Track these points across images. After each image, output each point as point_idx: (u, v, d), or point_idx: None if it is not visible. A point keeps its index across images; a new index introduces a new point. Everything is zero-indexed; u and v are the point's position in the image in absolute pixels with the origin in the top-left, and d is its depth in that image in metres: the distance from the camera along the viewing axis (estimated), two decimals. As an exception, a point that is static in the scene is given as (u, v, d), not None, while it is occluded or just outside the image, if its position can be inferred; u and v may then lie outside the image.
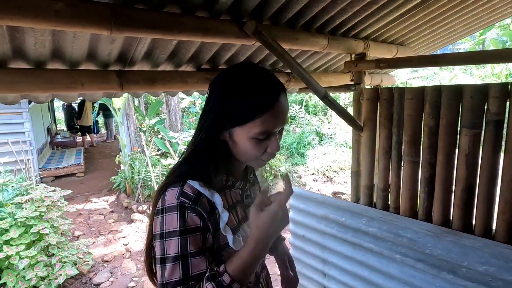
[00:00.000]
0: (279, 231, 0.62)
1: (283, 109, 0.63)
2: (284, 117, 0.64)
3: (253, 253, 0.59)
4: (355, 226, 1.84)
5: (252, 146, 0.64)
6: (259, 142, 0.64)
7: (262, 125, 0.61)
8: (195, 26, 1.02)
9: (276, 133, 0.65)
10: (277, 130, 0.65)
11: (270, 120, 0.62)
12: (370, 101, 1.68)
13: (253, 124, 0.61)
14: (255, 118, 0.61)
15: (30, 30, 0.90)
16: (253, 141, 0.64)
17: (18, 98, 1.23)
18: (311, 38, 1.43)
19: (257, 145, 0.64)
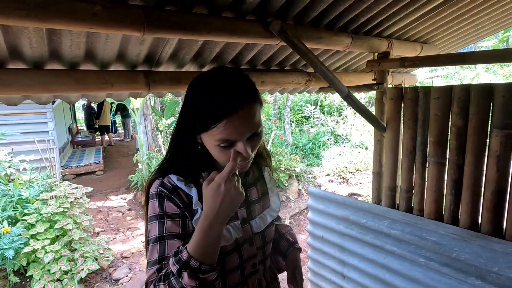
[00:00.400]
0: (228, 207, 0.60)
1: (246, 118, 0.60)
2: (248, 125, 0.61)
3: (202, 229, 0.59)
4: (377, 228, 1.81)
5: (218, 153, 0.64)
6: (223, 149, 0.63)
7: (223, 132, 0.60)
8: (222, 27, 1.04)
9: (241, 142, 0.62)
10: (242, 138, 0.62)
11: (231, 127, 0.60)
12: (394, 101, 1.65)
13: (216, 130, 0.60)
14: (216, 124, 0.59)
15: (67, 33, 0.94)
16: (218, 148, 0.63)
17: (51, 98, 1.28)
18: (335, 37, 1.42)
19: (222, 153, 0.64)
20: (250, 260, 0.79)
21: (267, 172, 0.88)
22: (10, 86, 0.96)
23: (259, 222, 0.80)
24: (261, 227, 0.80)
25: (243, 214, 0.78)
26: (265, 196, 0.85)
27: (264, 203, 0.84)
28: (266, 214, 0.83)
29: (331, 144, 7.76)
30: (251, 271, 0.79)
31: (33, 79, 1.00)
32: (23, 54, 0.99)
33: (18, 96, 1.19)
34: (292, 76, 1.78)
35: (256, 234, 0.79)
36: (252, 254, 0.79)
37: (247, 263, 0.78)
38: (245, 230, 0.77)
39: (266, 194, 0.86)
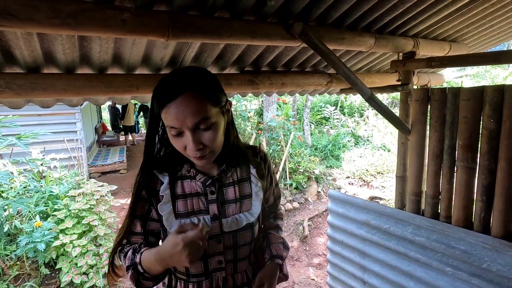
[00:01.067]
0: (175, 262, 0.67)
1: (177, 110, 0.66)
2: (186, 115, 0.66)
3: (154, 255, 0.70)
4: (400, 234, 1.75)
5: (172, 140, 0.72)
6: (174, 137, 0.70)
7: (167, 119, 0.68)
8: (243, 30, 1.05)
9: (187, 132, 0.68)
10: (184, 128, 0.67)
11: (171, 114, 0.66)
12: (420, 102, 1.59)
13: (163, 117, 0.69)
14: (160, 110, 0.68)
15: (96, 39, 0.99)
16: (171, 136, 0.71)
17: (81, 101, 1.34)
18: (358, 38, 1.39)
19: (175, 141, 0.71)
20: (216, 256, 0.81)
21: (256, 176, 0.86)
22: (45, 90, 1.02)
23: (231, 222, 0.81)
24: (232, 227, 0.81)
25: (214, 211, 0.80)
26: (247, 199, 0.85)
27: (242, 205, 0.84)
28: (242, 216, 0.83)
29: (352, 146, 7.59)
30: (216, 267, 0.82)
31: (66, 83, 1.06)
32: (56, 59, 1.05)
33: (52, 99, 1.26)
34: (313, 77, 1.76)
35: (227, 234, 0.81)
36: (218, 251, 0.81)
37: (212, 258, 0.81)
38: (214, 226, 0.80)
39: (248, 197, 0.85)
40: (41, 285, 3.17)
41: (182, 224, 0.69)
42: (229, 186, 0.82)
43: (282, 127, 6.09)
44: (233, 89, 1.48)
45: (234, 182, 0.83)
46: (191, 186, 0.80)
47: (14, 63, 1.02)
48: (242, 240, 0.83)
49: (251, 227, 0.83)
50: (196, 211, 0.80)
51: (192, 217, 0.79)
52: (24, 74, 1.03)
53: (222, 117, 0.72)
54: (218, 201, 0.81)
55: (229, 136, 0.79)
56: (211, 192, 0.80)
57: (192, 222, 0.71)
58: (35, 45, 0.94)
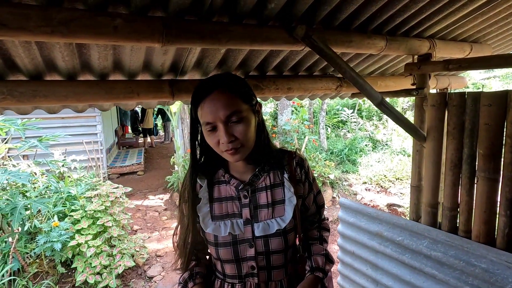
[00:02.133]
0: None
1: (211, 104, 0.72)
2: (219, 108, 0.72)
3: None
4: (415, 247, 1.64)
5: (207, 138, 0.76)
6: (209, 133, 0.75)
7: (203, 115, 0.74)
8: (243, 34, 1.01)
9: (220, 125, 0.73)
10: (217, 122, 0.72)
11: (206, 110, 0.73)
12: (436, 108, 1.48)
13: (200, 115, 0.75)
14: (197, 108, 0.75)
15: (94, 46, 0.99)
16: (206, 133, 0.76)
17: (86, 107, 1.36)
18: (367, 40, 1.32)
19: (209, 137, 0.76)
20: (248, 261, 0.82)
21: (289, 182, 0.86)
22: (47, 97, 1.03)
23: (262, 227, 0.82)
24: (263, 232, 0.82)
25: (246, 215, 0.82)
26: (279, 205, 0.85)
27: (275, 211, 0.84)
28: (273, 222, 0.83)
29: (369, 150, 7.35)
30: (249, 272, 0.83)
31: (67, 90, 1.07)
32: (57, 66, 1.07)
33: (58, 105, 1.28)
34: (321, 81, 1.70)
35: (258, 239, 0.81)
36: (250, 256, 0.82)
37: (244, 262, 0.83)
38: (246, 230, 0.82)
39: (280, 202, 0.85)
40: (57, 283, 3.27)
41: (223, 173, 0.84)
42: (261, 191, 0.84)
43: (296, 130, 6.01)
44: (237, 94, 1.45)
45: (267, 187, 0.85)
46: (226, 190, 0.85)
47: (17, 71, 1.04)
48: (274, 246, 0.82)
49: (284, 234, 0.82)
50: (230, 214, 0.84)
51: (226, 220, 0.83)
52: (26, 81, 1.05)
53: (252, 114, 0.77)
54: (251, 205, 0.83)
55: (260, 136, 0.82)
56: (244, 196, 0.83)
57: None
58: (34, 53, 0.95)
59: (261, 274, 0.83)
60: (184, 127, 6.95)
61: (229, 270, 0.85)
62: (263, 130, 0.84)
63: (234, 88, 0.74)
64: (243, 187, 0.83)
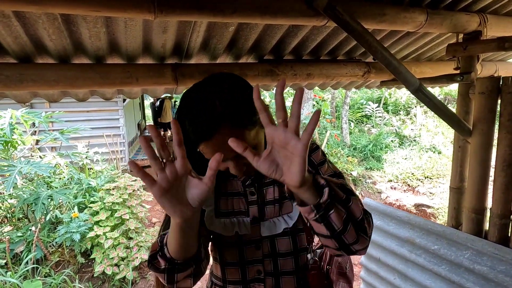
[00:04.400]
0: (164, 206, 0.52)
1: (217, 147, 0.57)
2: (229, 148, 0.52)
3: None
4: (453, 259, 1.42)
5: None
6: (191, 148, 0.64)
7: (206, 154, 0.61)
8: (251, 4, 0.85)
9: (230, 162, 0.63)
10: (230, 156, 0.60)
11: (211, 151, 0.59)
12: (486, 96, 1.24)
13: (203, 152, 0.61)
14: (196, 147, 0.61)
15: (83, 22, 0.87)
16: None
17: (87, 94, 1.26)
18: (403, 14, 1.10)
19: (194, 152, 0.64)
20: (254, 265, 0.76)
21: None
22: (35, 81, 0.94)
23: (268, 226, 0.74)
24: (269, 232, 0.74)
25: (254, 213, 0.75)
26: (286, 200, 0.75)
27: (282, 207, 0.75)
28: (280, 220, 0.75)
29: (395, 147, 6.94)
30: (255, 276, 0.76)
31: (58, 74, 0.97)
32: (47, 47, 0.97)
33: (56, 92, 1.20)
34: (346, 67, 1.49)
35: (265, 239, 0.75)
36: (256, 259, 0.75)
37: (250, 265, 0.76)
38: (254, 230, 0.74)
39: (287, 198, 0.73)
40: (77, 273, 3.33)
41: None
42: (269, 186, 0.77)
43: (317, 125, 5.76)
44: (250, 81, 1.29)
45: (275, 181, 0.76)
46: (233, 185, 0.78)
47: (4, 53, 0.95)
48: (282, 248, 0.75)
49: (292, 234, 0.75)
50: (236, 211, 0.76)
51: (232, 218, 0.76)
52: (13, 64, 0.95)
53: (261, 131, 0.65)
54: (259, 202, 0.76)
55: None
56: (251, 193, 0.76)
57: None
58: (17, 30, 0.85)
59: (268, 280, 0.76)
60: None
61: (232, 275, 0.77)
62: None
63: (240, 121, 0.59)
64: (251, 183, 0.76)
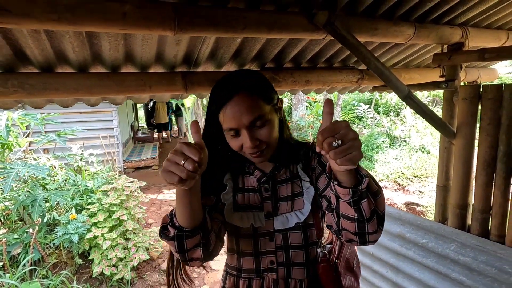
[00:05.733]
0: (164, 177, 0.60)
1: (234, 109, 0.67)
2: (242, 113, 0.67)
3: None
4: (440, 251, 1.54)
5: (230, 141, 0.73)
6: (232, 138, 0.72)
7: (225, 121, 0.69)
8: (259, 21, 0.94)
9: (244, 130, 0.69)
10: (241, 127, 0.68)
11: (228, 115, 0.68)
12: (468, 101, 1.37)
13: (221, 120, 0.70)
14: (217, 114, 0.70)
15: (105, 35, 0.94)
16: (229, 137, 0.73)
17: (99, 100, 1.33)
18: (393, 28, 1.22)
19: (232, 141, 0.72)
20: (268, 255, 0.81)
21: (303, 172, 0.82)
22: (57, 89, 1.01)
23: (282, 221, 0.80)
24: (282, 226, 0.80)
25: (268, 208, 0.81)
26: (298, 197, 0.81)
27: (294, 203, 0.81)
28: (292, 215, 0.80)
29: (386, 147, 7.13)
30: (268, 266, 0.82)
31: (78, 82, 1.04)
32: (68, 58, 1.04)
33: (71, 98, 1.26)
34: (341, 74, 1.60)
35: (278, 232, 0.80)
36: (270, 250, 0.81)
37: (263, 256, 0.81)
38: (267, 223, 0.80)
39: (300, 195, 0.81)
40: (75, 274, 3.34)
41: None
42: (282, 184, 0.82)
43: (311, 126, 5.89)
44: (253, 88, 1.38)
45: (287, 179, 0.82)
46: (249, 182, 0.83)
47: (29, 63, 1.02)
48: (293, 241, 0.80)
49: (303, 228, 0.81)
50: (252, 206, 0.82)
51: (248, 212, 0.81)
52: (37, 73, 1.02)
53: (275, 114, 0.74)
54: (272, 198, 0.81)
55: (282, 132, 0.79)
56: (265, 190, 0.82)
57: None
58: (44, 44, 0.92)
59: (280, 270, 0.82)
60: (198, 122, 6.95)
61: (247, 264, 0.83)
62: (285, 127, 0.81)
63: (257, 90, 0.70)
64: (265, 180, 0.82)
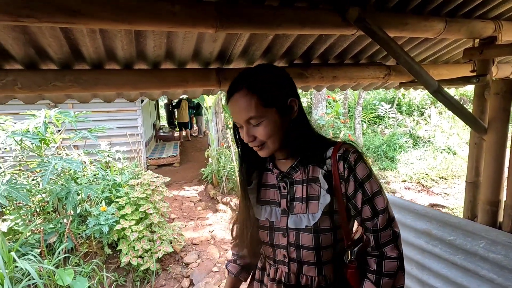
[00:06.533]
0: None
1: (233, 106, 0.75)
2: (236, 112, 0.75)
3: None
4: (469, 248, 1.52)
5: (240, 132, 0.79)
6: (239, 129, 0.79)
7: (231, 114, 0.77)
8: (292, 18, 0.99)
9: (243, 125, 0.76)
10: (239, 122, 0.76)
11: (231, 112, 0.77)
12: (501, 96, 1.35)
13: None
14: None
15: (151, 34, 1.03)
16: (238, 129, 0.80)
17: (138, 96, 1.43)
18: (424, 23, 1.23)
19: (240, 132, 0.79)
20: (281, 249, 0.84)
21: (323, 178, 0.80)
22: (107, 84, 1.11)
23: (295, 220, 0.81)
24: (294, 225, 0.81)
25: (284, 205, 0.84)
26: (314, 201, 0.80)
27: (309, 206, 0.80)
28: (304, 217, 0.80)
29: (409, 147, 6.95)
30: (281, 259, 0.85)
31: (124, 78, 1.13)
32: (116, 55, 1.13)
33: (113, 94, 1.37)
34: (368, 70, 1.62)
35: (291, 230, 0.81)
36: (282, 245, 0.83)
37: (278, 248, 0.84)
38: (282, 219, 0.83)
39: (315, 199, 0.80)
40: (105, 263, 3.52)
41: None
42: (298, 184, 0.82)
43: (331, 125, 5.85)
44: (281, 83, 1.43)
45: (304, 180, 0.81)
46: (270, 178, 0.88)
47: (82, 60, 1.12)
48: (304, 242, 0.80)
49: (315, 232, 0.78)
50: (271, 201, 0.87)
51: (267, 206, 0.87)
52: (89, 70, 1.13)
53: (277, 115, 0.75)
54: (288, 197, 0.83)
55: (296, 132, 0.78)
56: (283, 187, 0.84)
57: None
58: (98, 43, 1.02)
59: (292, 265, 0.83)
60: (218, 121, 7.09)
61: (267, 251, 0.89)
62: (299, 127, 0.79)
63: (258, 90, 0.72)
64: (282, 178, 0.84)
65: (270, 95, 0.73)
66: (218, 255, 3.77)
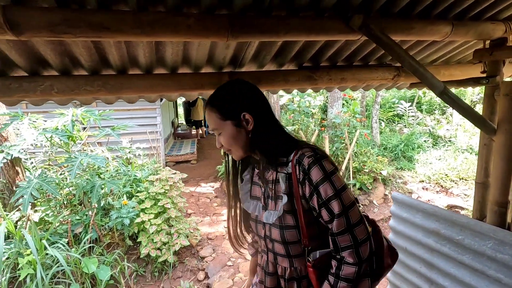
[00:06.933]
0: None
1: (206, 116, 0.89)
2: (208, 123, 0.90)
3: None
4: (477, 248, 1.54)
5: None
6: None
7: None
8: (299, 26, 1.06)
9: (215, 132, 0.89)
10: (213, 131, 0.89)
11: None
12: (510, 98, 1.35)
13: None
14: None
15: (169, 43, 1.14)
16: None
17: (157, 97, 1.55)
18: (429, 27, 1.26)
19: None
20: (262, 240, 0.96)
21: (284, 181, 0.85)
22: (131, 88, 1.23)
23: (267, 215, 0.91)
24: (266, 220, 0.90)
25: (263, 201, 0.95)
26: (279, 200, 0.88)
27: (277, 204, 0.89)
28: (271, 213, 0.89)
29: (429, 147, 6.77)
30: (263, 249, 0.98)
31: (146, 82, 1.25)
32: (139, 62, 1.25)
33: (136, 96, 1.49)
34: (377, 71, 1.66)
35: (266, 224, 0.92)
36: (261, 236, 0.96)
37: (261, 239, 0.97)
38: (263, 214, 0.93)
39: (280, 198, 0.87)
40: (126, 254, 3.73)
41: None
42: (270, 183, 0.91)
43: (347, 124, 5.81)
44: (291, 85, 1.51)
45: (273, 181, 0.89)
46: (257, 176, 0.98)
47: (108, 67, 1.25)
48: (273, 236, 0.90)
49: (280, 227, 0.87)
50: (257, 197, 0.97)
51: (254, 201, 0.97)
52: (115, 75, 1.25)
53: (234, 128, 0.85)
54: (265, 194, 0.94)
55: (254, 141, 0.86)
56: (262, 186, 0.95)
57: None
58: (123, 51, 1.13)
59: (270, 254, 0.95)
60: (234, 119, 7.19)
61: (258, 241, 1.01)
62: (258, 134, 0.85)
63: (216, 106, 0.86)
64: (259, 178, 0.95)
65: (224, 110, 0.85)
66: (232, 250, 3.88)
